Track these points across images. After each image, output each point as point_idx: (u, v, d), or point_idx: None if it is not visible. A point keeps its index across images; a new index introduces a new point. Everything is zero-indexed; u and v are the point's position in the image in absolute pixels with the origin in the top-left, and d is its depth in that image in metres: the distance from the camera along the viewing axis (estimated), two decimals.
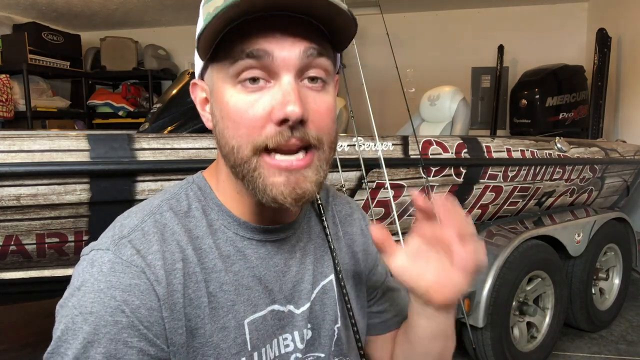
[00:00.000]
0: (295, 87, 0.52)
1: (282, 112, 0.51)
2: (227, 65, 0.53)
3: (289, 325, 0.64)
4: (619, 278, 2.87)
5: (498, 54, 4.89)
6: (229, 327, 0.58)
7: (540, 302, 2.40)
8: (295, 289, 0.64)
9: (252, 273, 0.61)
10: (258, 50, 0.51)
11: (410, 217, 2.16)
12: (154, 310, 0.53)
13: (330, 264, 0.69)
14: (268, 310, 0.62)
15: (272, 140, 0.52)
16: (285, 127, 0.52)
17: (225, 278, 0.58)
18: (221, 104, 0.55)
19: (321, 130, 0.55)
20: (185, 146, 1.58)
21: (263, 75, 0.53)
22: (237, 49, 0.52)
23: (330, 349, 0.68)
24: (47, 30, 4.65)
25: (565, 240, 2.42)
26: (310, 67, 0.54)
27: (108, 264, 0.53)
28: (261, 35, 0.51)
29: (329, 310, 0.67)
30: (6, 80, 4.12)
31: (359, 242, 0.76)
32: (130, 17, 5.12)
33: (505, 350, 2.16)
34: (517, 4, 4.92)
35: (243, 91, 0.53)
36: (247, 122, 0.53)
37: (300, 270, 0.65)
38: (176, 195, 0.62)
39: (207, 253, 0.58)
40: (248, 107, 0.53)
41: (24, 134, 1.43)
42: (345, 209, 0.77)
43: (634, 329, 2.77)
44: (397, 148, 1.99)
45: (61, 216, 1.48)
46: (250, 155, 0.53)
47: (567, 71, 4.02)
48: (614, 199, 3.17)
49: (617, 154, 2.90)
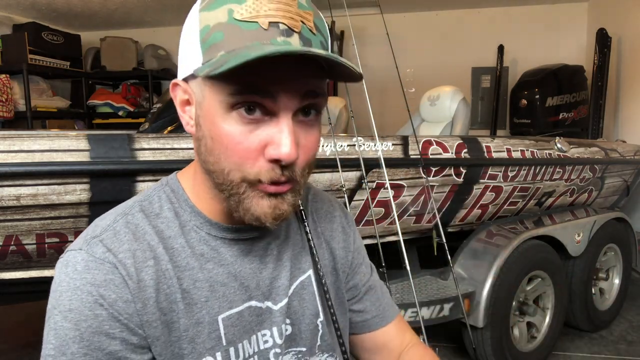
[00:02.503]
0: (292, 130, 0.53)
1: (277, 153, 0.52)
2: (226, 93, 0.52)
3: (267, 321, 0.65)
4: (619, 278, 2.87)
5: (498, 54, 4.89)
6: (203, 323, 0.59)
7: (540, 302, 2.40)
8: (272, 285, 0.65)
9: (227, 270, 0.62)
10: (265, 91, 0.51)
11: (411, 217, 2.16)
12: (130, 302, 0.55)
13: (308, 260, 0.70)
14: (245, 307, 0.63)
15: (264, 175, 0.54)
16: (277, 165, 0.53)
17: (198, 275, 0.60)
18: (212, 124, 0.54)
19: (307, 164, 0.57)
20: (185, 146, 1.58)
21: (261, 109, 0.53)
22: (243, 83, 0.51)
23: (316, 344, 0.69)
24: (47, 30, 4.65)
25: (565, 240, 2.42)
26: (308, 105, 0.55)
27: (82, 262, 0.55)
28: (270, 77, 0.51)
29: (308, 305, 0.68)
30: (6, 80, 4.12)
31: (339, 239, 0.76)
32: (130, 17, 5.12)
33: (505, 350, 2.16)
34: (517, 4, 4.92)
35: (239, 120, 0.53)
36: (240, 153, 0.53)
37: (277, 267, 0.66)
38: (149, 197, 0.63)
39: (179, 252, 0.60)
40: (243, 138, 0.53)
41: (24, 134, 1.43)
42: (326, 206, 0.78)
43: (634, 329, 2.77)
44: (397, 148, 1.99)
45: (61, 216, 1.48)
46: (239, 182, 0.55)
47: (567, 71, 4.02)
48: (614, 199, 3.17)
49: (617, 154, 2.90)
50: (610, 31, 3.93)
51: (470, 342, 2.06)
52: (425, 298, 2.02)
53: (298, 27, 0.51)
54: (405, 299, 1.97)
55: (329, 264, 0.74)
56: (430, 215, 2.18)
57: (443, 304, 2.02)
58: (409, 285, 1.86)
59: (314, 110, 0.56)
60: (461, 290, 2.03)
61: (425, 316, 1.97)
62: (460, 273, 2.17)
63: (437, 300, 2.02)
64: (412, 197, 2.08)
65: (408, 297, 1.96)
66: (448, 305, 2.03)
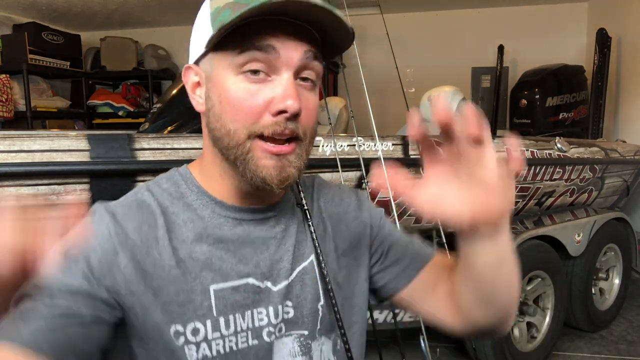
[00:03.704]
0: (294, 84, 0.59)
1: (283, 104, 0.57)
2: (233, 54, 0.58)
3: (264, 300, 0.66)
4: (619, 278, 2.87)
5: (498, 54, 4.89)
6: (196, 291, 0.62)
7: (540, 302, 2.40)
8: (273, 267, 0.67)
9: (227, 247, 0.65)
10: (267, 46, 0.57)
11: (411, 217, 2.16)
12: (109, 255, 0.59)
13: (310, 246, 0.71)
14: (241, 283, 0.64)
15: (268, 129, 0.58)
16: (282, 118, 0.58)
17: (196, 248, 0.63)
18: (221, 89, 0.60)
19: (307, 125, 0.61)
20: (185, 146, 1.58)
21: (265, 69, 0.58)
22: (248, 41, 0.57)
23: (316, 327, 0.69)
24: (47, 30, 4.65)
25: (565, 240, 2.42)
26: (306, 68, 0.60)
27: (85, 223, 0.57)
28: (270, 34, 0.57)
29: (310, 290, 0.69)
30: (6, 80, 4.12)
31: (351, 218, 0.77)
32: (130, 17, 5.12)
33: (505, 350, 2.16)
34: (517, 4, 4.91)
35: (245, 80, 0.58)
36: (246, 109, 0.58)
37: (279, 250, 0.68)
38: (158, 180, 0.69)
39: (181, 226, 0.64)
40: (249, 96, 0.58)
41: (24, 134, 1.43)
42: (333, 192, 0.79)
43: (634, 329, 2.77)
44: (397, 148, 1.99)
45: None
46: (244, 139, 0.59)
47: (567, 71, 4.02)
48: (614, 199, 3.17)
49: (617, 154, 2.90)
50: (610, 31, 3.92)
51: (470, 342, 2.06)
52: None
53: None
54: None
55: (332, 249, 0.73)
56: None
57: None
58: None
59: (310, 79, 0.61)
60: None
61: None
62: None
63: None
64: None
65: None
66: None
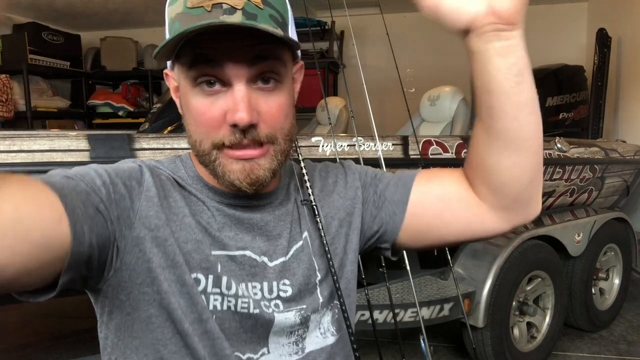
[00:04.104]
0: (246, 95, 0.58)
1: (232, 118, 0.57)
2: (187, 68, 0.59)
3: (259, 274, 0.66)
4: (619, 278, 2.87)
5: None
6: (198, 250, 0.63)
7: (540, 302, 2.40)
8: (270, 242, 0.68)
9: (223, 221, 0.66)
10: (211, 61, 0.57)
11: None
12: (135, 181, 0.62)
13: (306, 224, 0.71)
14: (239, 254, 0.66)
15: (227, 138, 0.59)
16: (237, 130, 0.58)
17: (191, 221, 0.64)
18: (185, 101, 0.62)
19: (273, 128, 0.61)
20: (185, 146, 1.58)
21: (218, 80, 0.58)
22: (197, 55, 0.58)
23: (316, 300, 0.70)
24: (47, 30, 4.65)
25: (565, 240, 2.42)
26: (262, 71, 0.59)
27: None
28: (214, 47, 0.56)
29: (307, 265, 0.70)
30: (6, 80, 4.12)
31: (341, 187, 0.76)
32: (130, 17, 5.11)
33: (505, 350, 2.16)
34: None
35: (201, 94, 0.59)
36: (205, 122, 0.60)
37: (277, 227, 0.69)
38: (159, 161, 0.70)
39: (177, 202, 0.65)
40: (206, 110, 0.59)
41: (24, 134, 1.44)
42: (320, 167, 0.79)
43: (634, 329, 2.77)
44: (397, 148, 1.99)
45: None
46: (210, 149, 0.60)
47: (567, 71, 4.01)
48: (614, 199, 3.17)
49: (617, 154, 2.90)
50: (610, 31, 3.92)
51: (470, 342, 2.06)
52: (425, 298, 2.02)
53: (240, 5, 0.55)
54: (405, 299, 1.97)
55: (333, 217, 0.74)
56: None
57: (443, 304, 2.02)
58: (409, 285, 1.86)
59: (273, 79, 0.60)
60: (461, 290, 2.03)
61: (425, 316, 1.97)
62: (460, 273, 2.17)
63: (437, 300, 2.02)
64: None
65: (408, 297, 1.96)
66: (448, 305, 2.03)
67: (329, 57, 4.89)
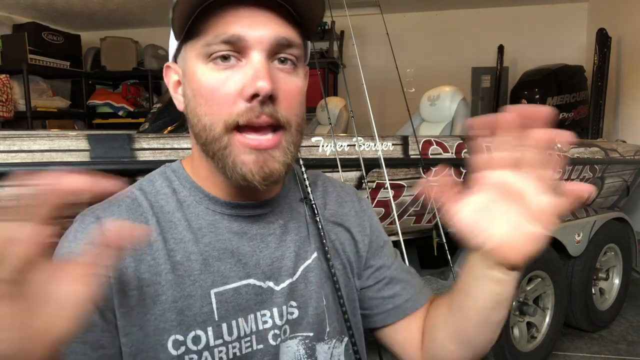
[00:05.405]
0: (266, 64, 0.54)
1: (253, 87, 0.53)
2: (200, 41, 0.55)
3: (267, 301, 0.63)
4: (619, 278, 2.87)
5: (498, 54, 4.89)
6: (195, 296, 0.59)
7: (540, 302, 2.40)
8: (274, 265, 0.64)
9: (224, 246, 0.62)
10: (232, 36, 0.53)
11: (411, 217, 2.16)
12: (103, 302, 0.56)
13: (313, 243, 0.68)
14: (242, 284, 0.62)
15: (242, 116, 0.54)
16: (256, 102, 0.53)
17: (193, 248, 0.60)
18: (193, 82, 0.57)
19: (290, 111, 0.57)
20: (185, 146, 1.58)
21: (234, 53, 0.55)
22: (210, 31, 0.54)
23: (325, 329, 0.67)
24: (47, 30, 4.65)
25: (565, 240, 2.41)
26: (283, 47, 0.56)
27: (72, 232, 0.58)
28: (232, 17, 0.53)
29: (315, 288, 0.66)
30: (6, 80, 4.12)
31: (353, 223, 0.74)
32: (130, 17, 5.12)
33: (505, 350, 2.16)
34: (517, 4, 4.92)
35: (215, 69, 0.55)
36: (219, 99, 0.55)
37: (280, 247, 0.65)
38: (149, 177, 0.66)
39: (177, 225, 0.61)
40: (220, 85, 0.55)
41: (24, 134, 1.43)
42: (337, 191, 0.77)
43: (634, 329, 2.77)
44: (397, 148, 1.99)
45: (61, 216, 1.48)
46: (221, 133, 0.55)
47: (567, 71, 4.02)
48: (614, 199, 3.17)
49: (617, 154, 2.90)
50: (610, 31, 3.92)
51: None
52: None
53: None
54: None
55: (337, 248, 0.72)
56: (430, 215, 2.18)
57: None
58: None
59: (290, 60, 0.57)
60: None
61: None
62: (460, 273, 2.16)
63: None
64: (412, 197, 2.08)
65: None
66: None
67: (329, 57, 4.89)
